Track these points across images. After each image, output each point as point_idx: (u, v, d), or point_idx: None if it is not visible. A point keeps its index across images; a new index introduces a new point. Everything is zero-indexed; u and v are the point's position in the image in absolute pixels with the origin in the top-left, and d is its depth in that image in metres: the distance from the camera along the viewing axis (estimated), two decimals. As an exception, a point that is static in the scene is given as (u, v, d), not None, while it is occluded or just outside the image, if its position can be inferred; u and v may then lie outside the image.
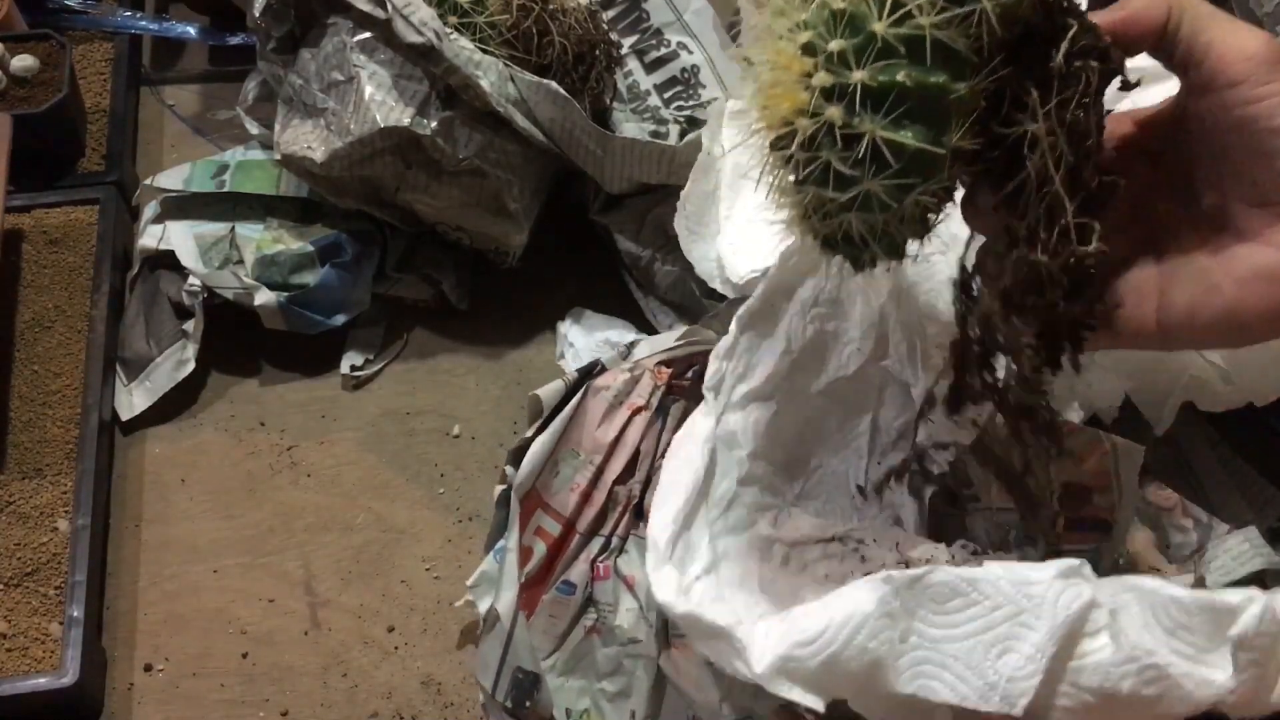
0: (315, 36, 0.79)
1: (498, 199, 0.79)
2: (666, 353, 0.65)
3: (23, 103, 0.86)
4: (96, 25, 0.96)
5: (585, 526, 0.63)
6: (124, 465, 0.78)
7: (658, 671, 0.59)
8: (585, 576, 0.62)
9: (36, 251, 0.84)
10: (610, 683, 0.60)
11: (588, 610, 0.63)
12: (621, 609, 0.61)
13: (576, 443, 0.63)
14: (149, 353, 0.80)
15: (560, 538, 0.62)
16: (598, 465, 0.63)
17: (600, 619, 0.62)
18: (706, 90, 0.89)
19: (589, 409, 0.63)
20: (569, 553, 0.63)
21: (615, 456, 0.63)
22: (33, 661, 0.66)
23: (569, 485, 0.63)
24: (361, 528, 0.76)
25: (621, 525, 0.63)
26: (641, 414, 0.63)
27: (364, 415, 0.81)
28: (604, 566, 0.63)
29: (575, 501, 0.62)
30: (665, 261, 0.81)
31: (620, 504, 0.63)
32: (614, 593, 0.62)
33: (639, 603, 0.61)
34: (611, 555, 0.63)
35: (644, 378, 0.64)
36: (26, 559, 0.70)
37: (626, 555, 0.63)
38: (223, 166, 0.85)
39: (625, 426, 0.63)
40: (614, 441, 0.63)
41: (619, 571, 0.62)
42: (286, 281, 0.80)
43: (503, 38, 0.75)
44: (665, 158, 0.79)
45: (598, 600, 0.62)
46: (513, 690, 0.61)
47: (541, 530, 0.63)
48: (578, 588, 0.62)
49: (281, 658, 0.70)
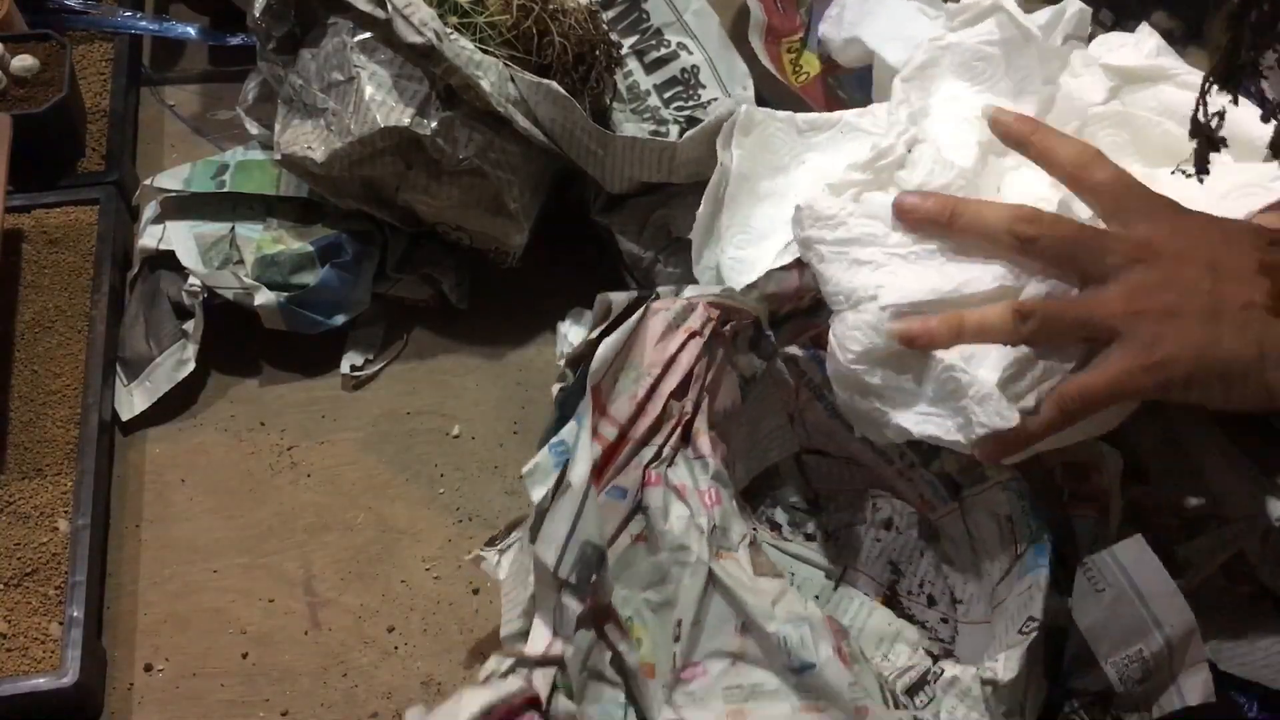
0: (315, 37, 0.79)
1: (498, 199, 0.79)
2: (716, 297, 0.67)
3: (23, 103, 0.86)
4: (96, 25, 0.96)
5: (639, 435, 0.63)
6: (124, 465, 0.78)
7: (704, 580, 0.59)
8: (637, 482, 0.63)
9: (36, 251, 0.84)
10: (655, 592, 0.60)
11: (635, 517, 0.63)
12: (672, 515, 0.61)
13: (635, 357, 0.64)
14: (149, 353, 0.80)
15: (614, 443, 0.63)
16: (654, 378, 0.63)
17: (649, 525, 0.62)
18: (706, 90, 0.89)
19: (649, 326, 0.65)
20: (621, 458, 0.63)
21: (671, 373, 0.64)
22: (33, 661, 0.66)
23: (626, 394, 0.63)
24: (361, 528, 0.76)
25: (673, 438, 0.64)
26: (696, 339, 0.64)
27: (364, 415, 0.81)
28: (655, 474, 0.63)
29: (630, 410, 0.63)
30: (668, 263, 0.81)
31: (674, 417, 0.64)
32: (664, 500, 0.62)
33: (690, 509, 0.61)
34: (662, 465, 0.63)
35: (699, 307, 0.65)
36: (26, 559, 0.70)
37: (676, 468, 0.63)
38: (223, 166, 0.85)
39: (681, 348, 0.64)
40: (670, 359, 0.64)
41: (669, 481, 0.63)
42: (287, 282, 0.81)
43: (503, 38, 0.75)
44: (666, 155, 0.79)
45: (647, 506, 0.62)
46: (579, 565, 0.58)
47: (598, 434, 0.62)
48: (629, 492, 0.62)
49: (281, 658, 0.70)
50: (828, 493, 0.74)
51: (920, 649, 0.67)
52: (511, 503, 0.77)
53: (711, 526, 0.60)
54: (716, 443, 0.65)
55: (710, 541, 0.60)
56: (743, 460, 0.72)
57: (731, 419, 0.69)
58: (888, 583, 0.70)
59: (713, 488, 0.62)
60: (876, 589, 0.70)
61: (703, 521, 0.60)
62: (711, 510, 0.61)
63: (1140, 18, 0.89)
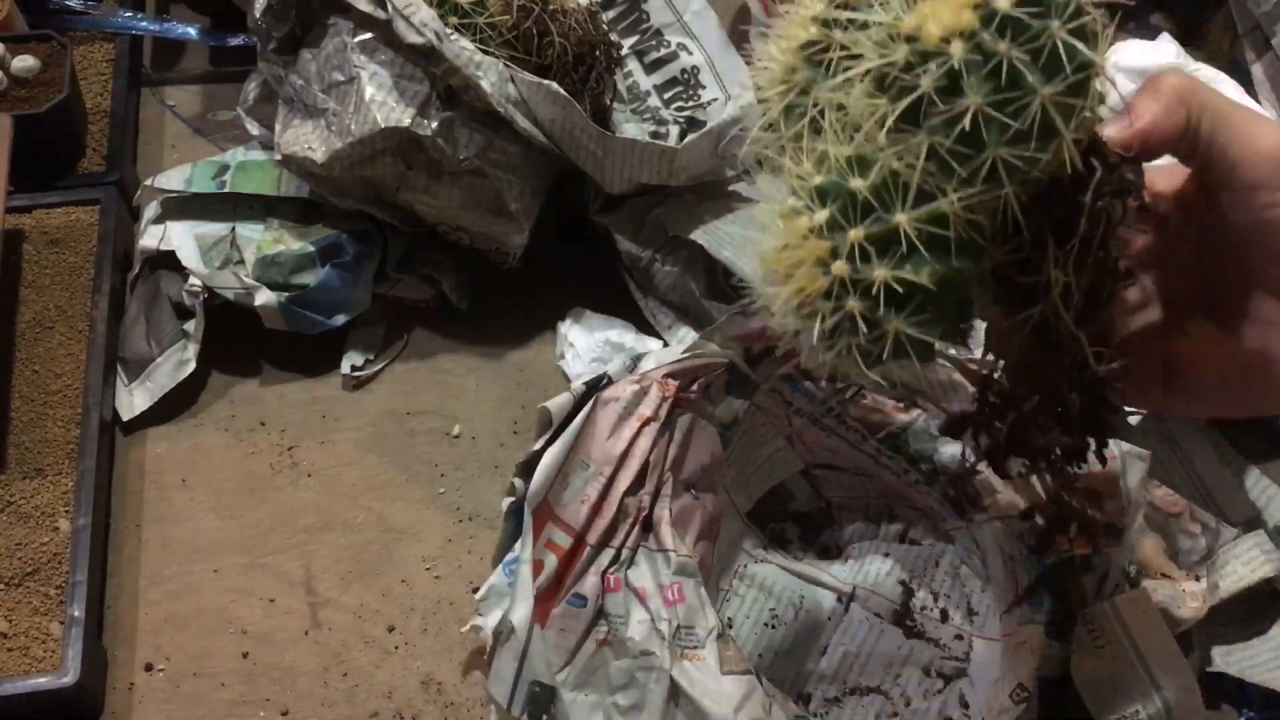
0: (316, 37, 0.79)
1: (498, 199, 0.79)
2: (673, 364, 0.65)
3: (24, 103, 0.86)
4: (97, 26, 0.96)
5: (595, 538, 0.62)
6: (124, 465, 0.78)
7: (670, 683, 0.59)
8: (596, 589, 0.62)
9: (37, 252, 0.84)
10: (623, 696, 0.60)
11: (599, 623, 0.62)
12: (633, 620, 0.61)
13: (586, 454, 0.63)
14: (150, 353, 0.80)
15: (570, 550, 0.62)
16: (608, 476, 0.62)
17: (612, 631, 0.62)
18: (706, 91, 0.89)
19: (598, 420, 0.63)
20: (579, 565, 0.62)
21: (625, 468, 0.63)
22: (33, 661, 0.66)
23: (579, 497, 0.63)
24: (362, 528, 0.76)
25: (631, 537, 0.63)
26: (650, 425, 0.63)
27: (364, 415, 0.81)
28: (614, 578, 0.62)
29: (585, 513, 0.62)
30: (665, 262, 0.81)
31: (630, 515, 0.63)
32: (625, 605, 0.62)
33: (650, 614, 0.61)
34: (622, 567, 0.63)
35: (652, 389, 0.64)
36: (27, 559, 0.70)
37: (636, 567, 0.63)
38: (223, 167, 0.85)
39: (635, 437, 0.63)
40: (623, 453, 0.63)
41: (629, 583, 0.62)
42: (287, 282, 0.81)
43: (503, 38, 0.75)
44: (665, 158, 0.79)
45: (609, 613, 0.62)
46: (529, 705, 0.60)
47: (551, 543, 0.62)
48: (589, 600, 0.62)
49: (282, 657, 0.70)
50: (840, 501, 0.72)
51: (933, 671, 0.66)
52: (511, 503, 0.77)
53: (675, 628, 0.60)
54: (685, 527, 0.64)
55: (673, 646, 0.59)
56: (741, 490, 0.71)
57: (714, 470, 0.69)
58: (900, 601, 0.68)
59: (676, 583, 0.61)
60: (888, 608, 0.68)
61: (664, 627, 0.60)
62: (675, 608, 0.61)
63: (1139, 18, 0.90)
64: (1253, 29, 0.78)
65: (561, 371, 0.82)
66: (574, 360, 0.82)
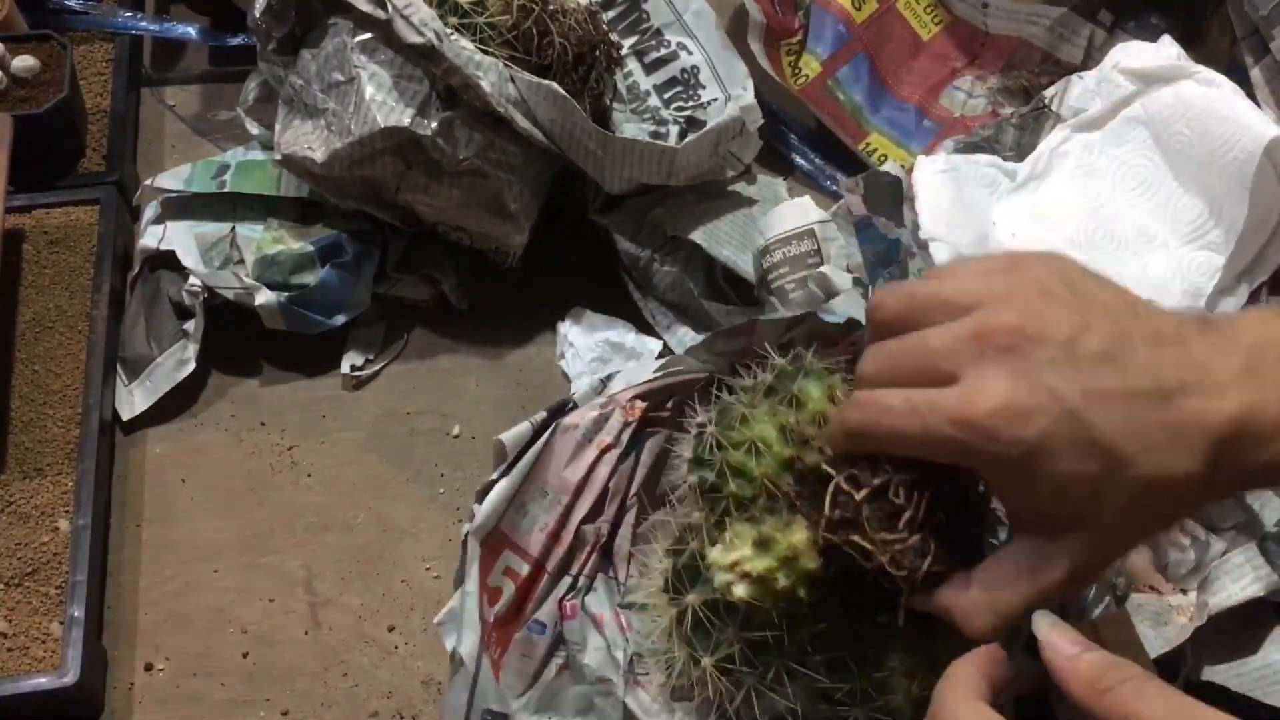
0: (316, 37, 0.79)
1: (498, 199, 0.79)
2: (644, 385, 0.63)
3: (24, 103, 0.86)
4: (97, 26, 0.96)
5: (554, 566, 0.62)
6: (124, 465, 0.78)
7: (624, 710, 0.60)
8: (554, 615, 0.62)
9: (37, 251, 0.84)
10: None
11: (558, 649, 0.63)
12: (590, 648, 0.61)
13: (544, 482, 0.62)
14: (149, 353, 0.80)
15: (529, 577, 0.62)
16: (565, 504, 0.62)
17: (570, 657, 0.62)
18: (706, 91, 0.89)
19: (556, 448, 0.62)
20: (539, 592, 0.62)
21: (583, 496, 0.62)
22: (33, 661, 0.66)
23: (538, 525, 0.62)
24: (362, 527, 0.76)
25: (589, 565, 0.63)
26: (611, 452, 0.62)
27: (364, 415, 0.81)
28: (571, 605, 0.62)
29: (544, 541, 0.62)
30: (664, 262, 0.81)
31: (588, 543, 0.63)
32: (581, 632, 0.62)
33: (606, 641, 0.61)
34: (579, 594, 0.63)
35: (614, 414, 0.63)
36: (27, 559, 0.70)
37: (595, 594, 0.63)
38: (223, 167, 0.85)
39: (594, 465, 0.62)
40: (582, 480, 0.62)
41: (586, 610, 0.62)
42: (287, 282, 0.81)
43: (503, 38, 0.75)
44: (665, 159, 0.79)
45: (567, 639, 0.62)
46: None
47: (510, 570, 0.62)
48: (548, 627, 0.62)
49: (282, 657, 0.70)
50: None
51: None
52: (511, 502, 0.77)
53: (630, 655, 0.60)
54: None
55: (628, 673, 0.60)
56: None
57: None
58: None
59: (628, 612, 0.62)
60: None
61: (619, 654, 0.60)
62: (626, 634, 0.61)
63: (1139, 18, 0.90)
64: (1251, 33, 0.78)
65: (561, 371, 0.82)
66: (574, 360, 0.82)
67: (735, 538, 0.49)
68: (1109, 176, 0.80)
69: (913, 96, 0.95)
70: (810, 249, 0.77)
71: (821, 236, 0.77)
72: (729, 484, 0.50)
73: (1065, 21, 0.91)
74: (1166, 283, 0.76)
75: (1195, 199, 0.77)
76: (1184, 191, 0.78)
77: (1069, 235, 0.79)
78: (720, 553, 0.49)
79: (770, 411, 0.51)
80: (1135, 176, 0.79)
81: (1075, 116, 0.82)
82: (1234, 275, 0.76)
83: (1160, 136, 0.78)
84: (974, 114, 0.94)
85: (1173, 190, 0.78)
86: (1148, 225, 0.78)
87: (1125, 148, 0.80)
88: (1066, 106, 0.82)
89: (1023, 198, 0.81)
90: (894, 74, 0.96)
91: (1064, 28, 0.92)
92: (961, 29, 0.96)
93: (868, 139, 0.92)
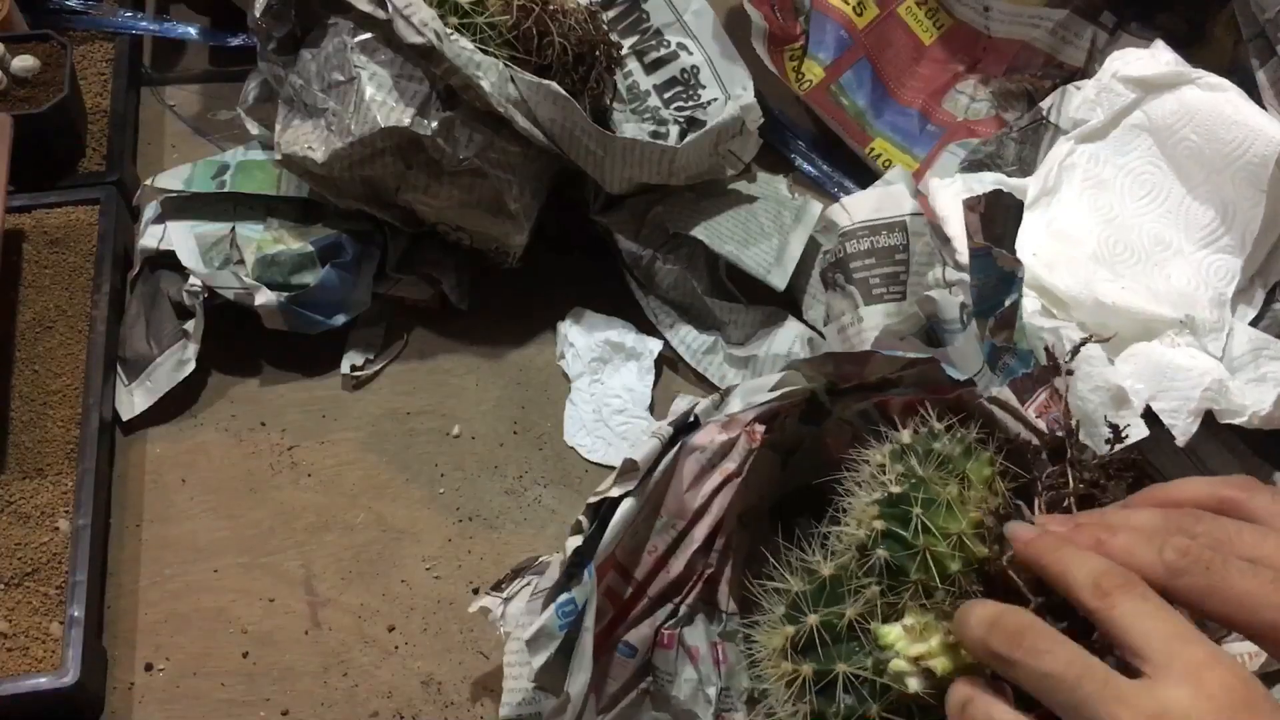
0: (316, 37, 0.79)
1: (498, 199, 0.79)
2: (762, 407, 0.60)
3: (24, 103, 0.86)
4: (97, 26, 0.96)
5: (657, 591, 0.60)
6: (124, 465, 0.78)
7: None
8: (648, 642, 0.60)
9: (37, 251, 0.84)
10: None
11: (645, 675, 0.61)
12: (681, 679, 0.60)
13: (662, 504, 0.60)
14: (149, 353, 0.80)
15: (629, 599, 0.60)
16: (680, 530, 0.60)
17: (657, 686, 0.61)
18: (706, 91, 0.89)
19: (682, 470, 0.60)
20: (635, 615, 0.60)
21: (699, 524, 0.60)
22: (33, 661, 0.66)
23: (646, 547, 0.60)
24: (362, 527, 0.76)
25: (693, 595, 0.61)
26: (733, 481, 0.60)
27: (364, 415, 0.81)
28: (669, 635, 0.61)
29: (650, 565, 0.60)
30: (666, 260, 0.81)
31: (698, 572, 0.61)
32: (675, 663, 0.60)
33: (699, 675, 0.60)
34: (679, 624, 0.61)
35: (740, 440, 0.60)
36: (27, 559, 0.70)
37: (693, 626, 0.61)
38: (223, 167, 0.85)
39: (715, 492, 0.60)
40: (702, 507, 0.60)
41: (684, 641, 0.61)
42: (287, 282, 0.81)
43: (503, 38, 0.75)
44: (665, 158, 0.79)
45: (657, 667, 0.61)
46: None
47: (610, 591, 0.60)
48: (638, 651, 0.60)
49: (282, 657, 0.70)
50: None
51: None
52: (511, 502, 0.77)
53: (720, 690, 0.59)
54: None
55: (715, 709, 0.59)
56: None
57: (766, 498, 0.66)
58: None
59: (724, 644, 0.60)
60: None
61: (711, 691, 0.59)
62: (720, 668, 0.60)
63: (1142, 19, 0.89)
64: (1257, 34, 0.78)
65: (561, 371, 0.82)
66: (574, 360, 0.82)
67: (923, 630, 0.46)
68: (1117, 186, 0.79)
69: (916, 101, 0.95)
70: (899, 243, 0.73)
71: (912, 231, 0.73)
72: (924, 572, 0.47)
73: (1067, 24, 0.91)
74: (1192, 291, 0.75)
75: (1206, 204, 0.77)
76: (1194, 197, 0.77)
77: (1090, 250, 0.77)
78: (904, 641, 0.46)
79: (959, 498, 0.48)
80: (1143, 184, 0.79)
81: (1077, 128, 0.81)
82: (1248, 277, 0.76)
83: (1165, 143, 0.78)
84: (977, 118, 0.94)
85: (1182, 196, 0.77)
86: (1162, 232, 0.77)
87: (1130, 156, 0.79)
88: (1065, 118, 0.82)
89: (1037, 215, 0.80)
90: (897, 79, 0.96)
91: (1066, 30, 0.92)
92: (963, 33, 0.96)
93: (872, 144, 0.92)
